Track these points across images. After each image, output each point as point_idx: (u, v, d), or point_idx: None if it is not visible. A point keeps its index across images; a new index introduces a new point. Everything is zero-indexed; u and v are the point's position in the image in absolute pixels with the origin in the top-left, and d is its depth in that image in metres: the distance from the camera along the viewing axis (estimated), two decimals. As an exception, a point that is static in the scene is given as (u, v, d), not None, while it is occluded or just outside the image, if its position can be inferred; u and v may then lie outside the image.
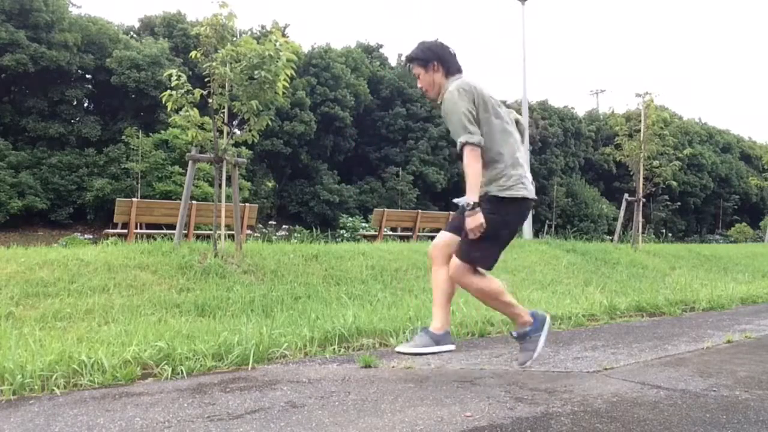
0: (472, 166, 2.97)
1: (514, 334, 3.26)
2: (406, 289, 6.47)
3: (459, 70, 3.14)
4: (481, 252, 3.08)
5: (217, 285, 5.64)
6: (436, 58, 3.10)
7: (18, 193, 18.81)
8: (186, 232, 9.00)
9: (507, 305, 3.21)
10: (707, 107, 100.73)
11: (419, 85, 3.23)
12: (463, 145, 2.98)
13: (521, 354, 3.29)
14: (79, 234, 15.88)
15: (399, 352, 3.22)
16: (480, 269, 3.13)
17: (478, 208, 2.96)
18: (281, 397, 2.76)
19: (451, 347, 3.21)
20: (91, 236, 14.49)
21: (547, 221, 26.16)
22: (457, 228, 3.17)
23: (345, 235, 15.42)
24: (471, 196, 2.96)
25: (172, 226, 9.06)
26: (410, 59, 3.18)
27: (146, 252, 6.17)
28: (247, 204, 10.83)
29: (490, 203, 3.07)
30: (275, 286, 5.87)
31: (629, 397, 2.78)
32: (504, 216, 3.09)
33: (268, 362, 3.57)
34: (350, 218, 18.74)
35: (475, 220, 2.96)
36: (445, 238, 3.24)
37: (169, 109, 6.42)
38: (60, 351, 3.28)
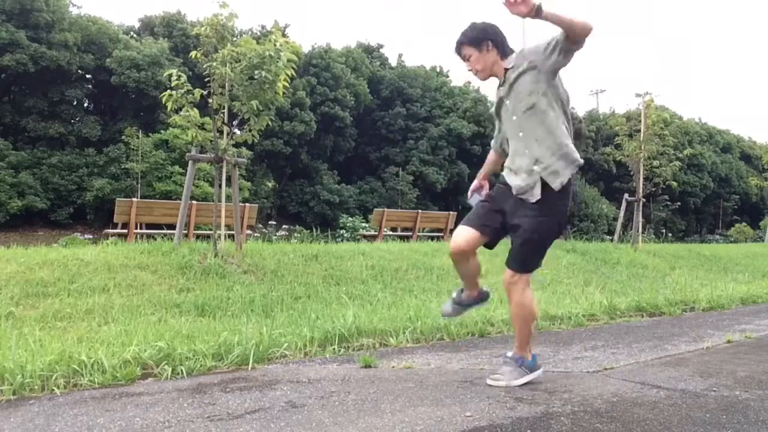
0: (581, 24, 2.64)
1: (509, 354, 3.05)
2: (406, 289, 6.46)
3: (512, 51, 2.98)
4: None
5: (217, 285, 5.64)
6: (491, 38, 2.94)
7: (18, 193, 18.82)
8: (186, 232, 9.00)
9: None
10: (707, 107, 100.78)
11: (469, 68, 3.01)
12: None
13: (499, 372, 3.04)
14: (79, 234, 15.88)
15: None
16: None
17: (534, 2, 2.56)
18: (281, 397, 2.76)
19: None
20: (91, 236, 14.49)
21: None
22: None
23: (345, 235, 15.42)
24: (548, 12, 2.59)
25: (172, 226, 9.06)
26: (463, 42, 2.97)
27: (146, 252, 6.17)
28: (247, 204, 10.83)
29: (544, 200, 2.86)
30: (275, 286, 5.87)
31: (629, 397, 2.78)
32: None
33: (268, 362, 3.57)
34: (350, 218, 18.74)
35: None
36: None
37: (169, 109, 6.42)
38: (60, 351, 3.28)
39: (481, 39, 2.94)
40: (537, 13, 2.58)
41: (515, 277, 2.96)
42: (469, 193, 3.29)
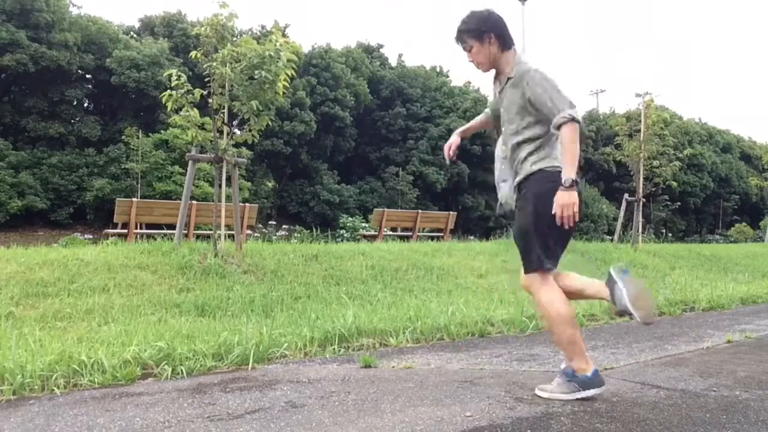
0: (575, 142, 2.66)
1: (562, 366, 2.83)
2: (406, 289, 6.46)
3: (513, 43, 2.89)
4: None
5: (217, 285, 5.64)
6: (493, 29, 2.83)
7: (18, 193, 18.81)
8: (186, 232, 9.00)
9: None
10: (707, 107, 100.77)
11: (470, 59, 2.93)
12: (570, 120, 2.67)
13: (554, 384, 2.79)
14: (79, 234, 15.87)
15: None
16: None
17: (576, 186, 2.64)
18: (281, 397, 2.76)
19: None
20: (91, 236, 14.48)
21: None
22: None
23: (345, 235, 15.42)
24: (571, 172, 2.64)
25: (172, 226, 9.06)
26: (463, 31, 2.86)
27: (146, 252, 6.17)
28: (247, 204, 10.83)
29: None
30: (275, 286, 5.87)
31: (629, 397, 2.78)
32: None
33: (268, 362, 3.57)
34: (350, 218, 18.73)
35: (571, 197, 2.62)
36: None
37: (169, 109, 6.43)
38: (60, 351, 3.28)
39: (483, 31, 2.84)
40: (575, 185, 2.64)
41: (526, 279, 2.82)
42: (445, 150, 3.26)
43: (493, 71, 2.97)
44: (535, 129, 2.82)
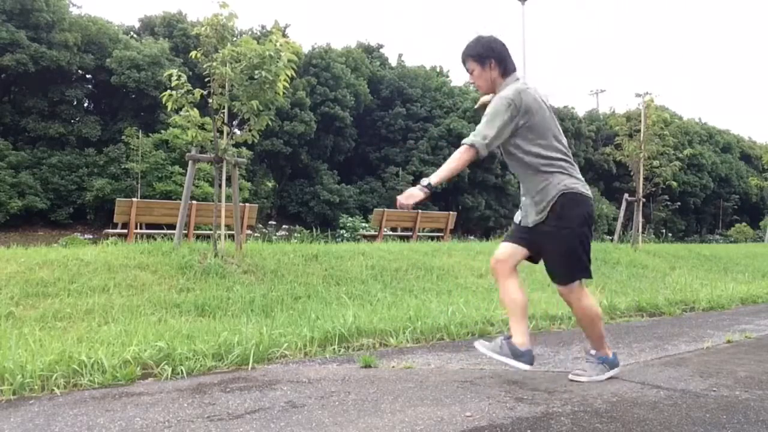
0: (457, 160, 2.96)
1: (593, 352, 3.18)
2: (406, 289, 6.46)
3: (514, 69, 3.07)
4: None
5: (217, 285, 5.64)
6: (495, 55, 3.02)
7: (18, 193, 18.80)
8: (186, 232, 9.00)
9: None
10: (707, 107, 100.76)
11: (471, 81, 3.15)
12: (467, 144, 2.95)
13: (580, 368, 3.25)
14: (79, 234, 15.86)
15: (475, 346, 3.14)
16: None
17: (426, 190, 2.93)
18: (281, 397, 2.76)
19: (526, 367, 2.99)
20: (91, 236, 14.48)
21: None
22: (524, 241, 3.11)
23: (345, 235, 15.42)
24: (434, 177, 2.95)
25: (172, 226, 9.06)
26: (468, 55, 3.06)
27: (146, 252, 6.17)
28: (247, 204, 10.83)
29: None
30: (275, 286, 5.87)
31: (629, 397, 2.78)
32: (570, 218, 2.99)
33: (268, 362, 3.57)
34: (350, 218, 18.74)
35: (411, 197, 2.91)
36: (508, 249, 3.16)
37: (169, 109, 6.43)
38: (60, 351, 3.28)
39: (485, 56, 3.02)
40: (430, 189, 2.94)
41: (563, 288, 3.14)
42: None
43: None
44: (517, 153, 3.02)
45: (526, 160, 3.00)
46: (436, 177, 2.94)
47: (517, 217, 3.21)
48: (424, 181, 2.94)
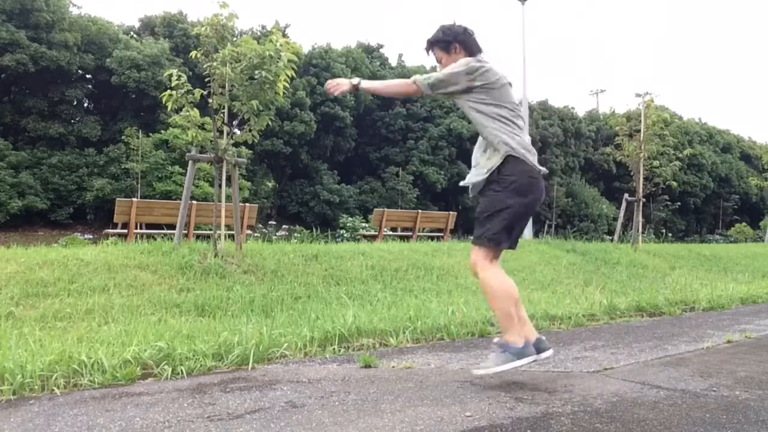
0: (395, 84, 3.23)
1: (496, 340, 3.05)
2: (406, 289, 6.46)
3: (480, 50, 3.12)
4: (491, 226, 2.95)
5: (217, 285, 5.64)
6: (458, 39, 3.10)
7: (18, 193, 18.81)
8: (186, 232, 9.00)
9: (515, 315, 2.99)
10: (707, 107, 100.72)
11: (440, 70, 3.17)
12: (413, 80, 3.05)
13: (486, 360, 3.04)
14: (79, 234, 15.85)
15: (476, 374, 3.00)
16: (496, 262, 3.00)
17: (354, 86, 3.05)
18: (281, 397, 2.76)
19: (532, 358, 2.95)
20: (91, 236, 14.47)
21: (546, 221, 26.16)
22: None
23: (345, 235, 15.41)
24: (366, 83, 3.12)
25: (172, 226, 9.06)
26: (431, 42, 3.16)
27: (146, 252, 6.17)
28: (247, 204, 10.83)
29: (498, 173, 2.96)
30: (275, 286, 5.87)
31: (629, 397, 2.78)
32: (511, 180, 2.94)
33: (268, 362, 3.57)
34: (350, 218, 18.71)
35: (339, 85, 3.07)
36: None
37: (169, 109, 6.43)
38: (60, 351, 3.28)
39: (449, 42, 3.12)
40: (356, 88, 3.06)
41: (473, 253, 3.01)
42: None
43: None
44: (477, 117, 3.05)
45: (479, 119, 3.04)
46: (369, 83, 3.14)
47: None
48: (356, 80, 3.08)
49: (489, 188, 3.00)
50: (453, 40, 3.10)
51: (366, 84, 3.09)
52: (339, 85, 3.06)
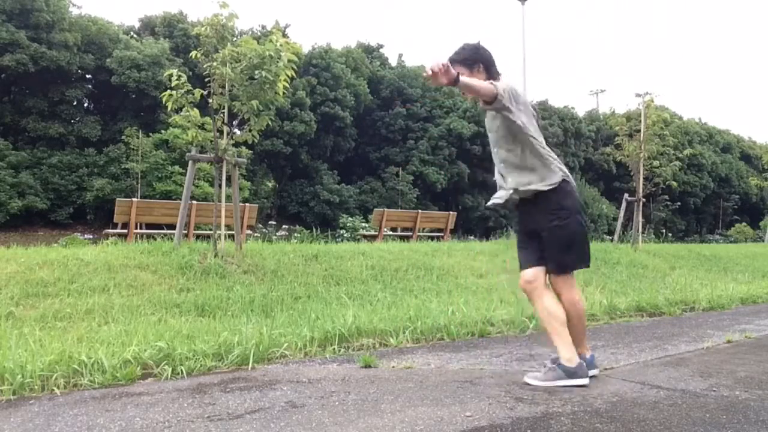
0: (480, 82, 2.96)
1: (554, 356, 3.09)
2: (406, 289, 6.46)
3: (499, 74, 3.17)
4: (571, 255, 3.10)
5: (217, 285, 5.64)
6: (482, 60, 3.13)
7: (18, 193, 18.80)
8: (186, 232, 9.00)
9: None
10: (707, 107, 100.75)
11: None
12: (493, 87, 2.93)
13: (540, 372, 3.08)
14: (79, 234, 15.84)
15: (527, 383, 3.04)
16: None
17: (454, 78, 2.75)
18: (281, 397, 2.76)
19: (584, 382, 2.97)
20: (91, 236, 14.46)
21: (547, 221, 26.09)
22: (537, 252, 3.11)
23: (345, 235, 15.41)
24: (465, 78, 2.85)
25: (172, 226, 9.06)
26: (455, 60, 3.12)
27: (146, 252, 6.17)
28: (247, 204, 10.83)
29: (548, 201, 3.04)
30: (275, 286, 5.87)
31: (629, 397, 2.78)
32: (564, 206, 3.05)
33: (268, 362, 3.57)
34: (350, 218, 18.72)
35: (446, 71, 2.72)
36: (532, 271, 3.10)
37: (169, 109, 6.43)
38: (60, 351, 3.28)
39: (473, 60, 3.12)
40: (455, 82, 2.78)
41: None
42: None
43: None
44: (522, 155, 3.06)
45: (525, 139, 3.06)
46: (467, 79, 2.85)
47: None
48: (454, 72, 2.77)
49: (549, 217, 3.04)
50: (478, 60, 3.12)
51: (466, 80, 2.85)
52: (436, 75, 2.72)
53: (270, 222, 19.72)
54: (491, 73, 3.14)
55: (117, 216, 9.95)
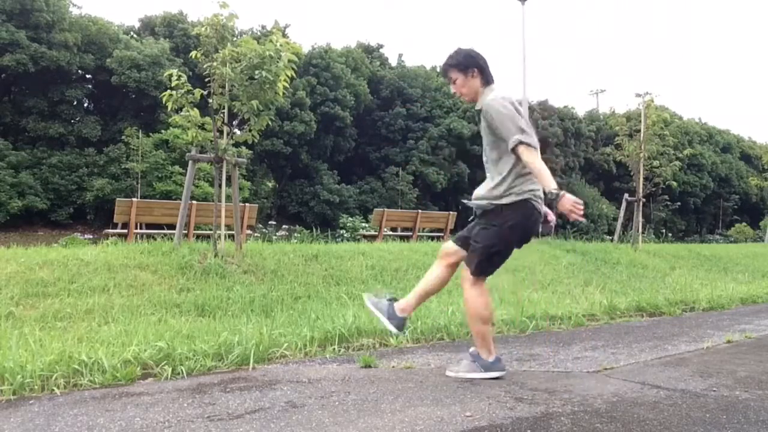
0: (536, 161, 2.98)
1: (472, 350, 3.26)
2: (406, 289, 6.45)
3: (493, 80, 3.21)
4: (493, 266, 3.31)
5: (217, 285, 5.64)
6: (476, 65, 3.17)
7: (18, 193, 18.80)
8: (186, 232, 8.99)
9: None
10: (707, 107, 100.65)
11: (454, 90, 3.25)
12: (519, 143, 2.98)
13: (459, 364, 3.27)
14: (79, 234, 15.84)
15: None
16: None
17: (563, 191, 2.90)
18: (281, 397, 2.76)
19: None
20: (91, 236, 14.46)
21: (547, 221, 26.10)
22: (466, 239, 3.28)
23: (345, 235, 15.41)
24: (551, 184, 2.93)
25: (172, 226, 9.06)
26: (451, 65, 3.20)
27: (146, 252, 6.17)
28: (247, 204, 10.83)
29: (492, 214, 3.14)
30: (275, 286, 5.87)
31: (629, 397, 2.78)
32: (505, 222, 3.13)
33: (268, 362, 3.57)
34: (350, 218, 18.71)
35: (569, 201, 2.88)
36: (452, 248, 3.44)
37: (169, 109, 6.43)
38: (60, 351, 3.28)
39: (467, 65, 3.17)
40: (562, 189, 2.94)
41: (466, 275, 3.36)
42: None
43: None
44: (505, 162, 3.10)
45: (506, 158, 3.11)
46: (549, 181, 2.94)
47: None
48: (553, 192, 2.92)
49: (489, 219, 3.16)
50: (472, 65, 3.16)
51: (550, 183, 2.93)
52: (574, 202, 2.88)
53: (270, 222, 19.72)
54: (485, 77, 3.18)
55: (117, 216, 9.95)
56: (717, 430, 2.31)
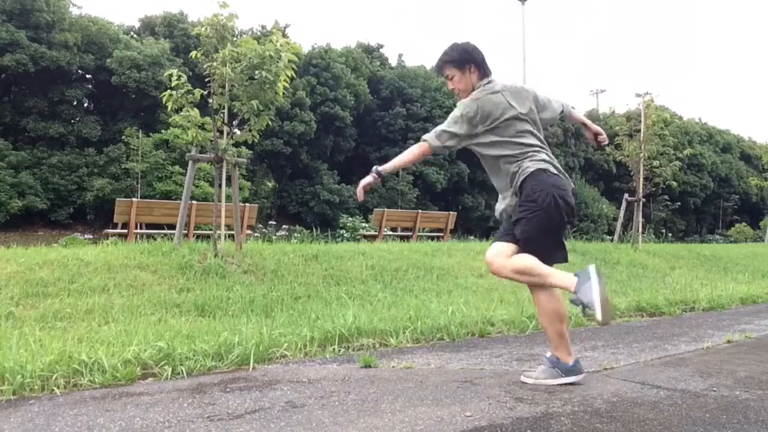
0: (409, 153, 3.17)
1: (549, 355, 3.10)
2: (406, 289, 6.46)
3: (490, 73, 3.13)
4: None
5: (217, 285, 5.64)
6: (473, 60, 3.09)
7: (18, 193, 18.80)
8: (186, 232, 9.00)
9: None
10: (707, 107, 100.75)
11: (451, 87, 3.17)
12: (423, 139, 3.11)
13: (536, 370, 3.11)
14: (79, 234, 15.85)
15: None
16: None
17: (377, 176, 3.15)
18: (281, 397, 2.76)
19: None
20: (91, 236, 14.47)
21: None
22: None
23: (345, 235, 15.41)
24: (386, 166, 3.17)
25: (172, 226, 9.06)
26: (446, 61, 3.11)
27: (146, 252, 6.17)
28: (247, 204, 10.84)
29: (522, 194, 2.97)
30: (275, 286, 5.87)
31: (629, 397, 2.78)
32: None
33: (268, 362, 3.57)
34: (350, 218, 18.72)
35: (366, 185, 3.17)
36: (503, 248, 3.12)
37: (169, 109, 6.43)
38: (60, 351, 3.28)
39: (464, 60, 3.08)
40: (379, 177, 3.17)
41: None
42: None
43: None
44: (494, 159, 3.07)
45: (491, 161, 3.08)
46: (388, 165, 3.18)
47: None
48: (375, 169, 3.15)
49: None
50: (469, 60, 3.08)
51: (388, 167, 3.16)
52: (363, 187, 3.14)
53: (270, 222, 19.73)
54: (483, 72, 3.09)
55: (117, 216, 9.95)
56: (717, 430, 2.31)
